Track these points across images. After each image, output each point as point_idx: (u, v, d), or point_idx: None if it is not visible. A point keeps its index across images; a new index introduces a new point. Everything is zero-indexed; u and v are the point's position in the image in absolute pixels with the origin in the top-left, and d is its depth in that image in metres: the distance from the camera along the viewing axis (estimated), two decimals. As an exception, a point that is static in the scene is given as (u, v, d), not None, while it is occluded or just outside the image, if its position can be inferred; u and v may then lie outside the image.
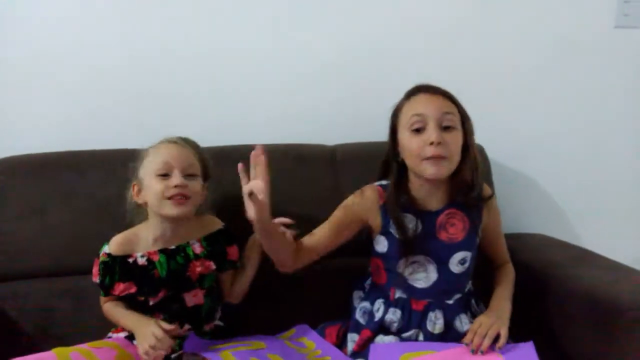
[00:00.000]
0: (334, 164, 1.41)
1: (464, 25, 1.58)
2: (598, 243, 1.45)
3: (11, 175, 1.30)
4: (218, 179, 1.24)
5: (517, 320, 1.13)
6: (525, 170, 1.64)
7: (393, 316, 1.15)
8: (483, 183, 1.20)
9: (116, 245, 1.15)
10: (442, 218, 1.16)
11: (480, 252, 1.22)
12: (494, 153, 1.50)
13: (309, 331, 1.24)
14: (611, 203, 1.68)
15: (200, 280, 1.17)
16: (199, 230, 1.20)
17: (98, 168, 1.33)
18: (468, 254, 1.16)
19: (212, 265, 1.18)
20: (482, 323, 1.08)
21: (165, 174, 1.13)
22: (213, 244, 1.19)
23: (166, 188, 1.12)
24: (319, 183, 1.38)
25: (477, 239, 1.19)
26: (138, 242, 1.16)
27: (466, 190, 1.15)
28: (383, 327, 1.16)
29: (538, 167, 1.65)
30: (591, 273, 1.21)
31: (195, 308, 1.17)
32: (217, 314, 1.22)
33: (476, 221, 1.18)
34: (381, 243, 1.18)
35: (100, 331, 1.18)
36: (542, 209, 1.66)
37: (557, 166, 1.65)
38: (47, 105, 1.46)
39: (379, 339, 1.15)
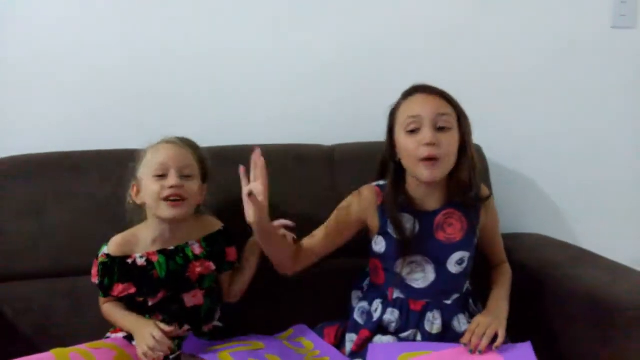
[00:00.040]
0: (332, 164, 1.41)
1: (464, 25, 1.58)
2: (597, 243, 1.45)
3: (11, 175, 1.31)
4: (218, 180, 1.24)
5: (515, 320, 1.13)
6: (523, 170, 1.64)
7: (391, 316, 1.15)
8: (481, 183, 1.20)
9: (115, 246, 1.15)
10: (440, 218, 1.16)
11: (478, 252, 1.22)
12: (492, 153, 1.51)
13: (308, 331, 1.24)
14: (610, 203, 1.68)
15: (200, 280, 1.17)
16: (199, 230, 1.20)
17: (98, 168, 1.33)
18: (466, 254, 1.17)
19: (212, 265, 1.18)
20: (480, 323, 1.08)
21: (162, 175, 1.12)
22: (212, 245, 1.19)
23: (162, 188, 1.11)
24: (317, 183, 1.38)
25: (475, 239, 1.19)
26: (137, 243, 1.16)
27: (464, 190, 1.15)
28: (381, 327, 1.16)
29: (536, 167, 1.65)
30: (590, 273, 1.20)
31: (194, 309, 1.17)
32: (217, 315, 1.22)
33: (474, 221, 1.18)
34: (379, 243, 1.18)
35: (99, 332, 1.18)
36: (541, 209, 1.66)
37: (555, 166, 1.65)
38: (47, 105, 1.46)
39: (377, 339, 1.15)
